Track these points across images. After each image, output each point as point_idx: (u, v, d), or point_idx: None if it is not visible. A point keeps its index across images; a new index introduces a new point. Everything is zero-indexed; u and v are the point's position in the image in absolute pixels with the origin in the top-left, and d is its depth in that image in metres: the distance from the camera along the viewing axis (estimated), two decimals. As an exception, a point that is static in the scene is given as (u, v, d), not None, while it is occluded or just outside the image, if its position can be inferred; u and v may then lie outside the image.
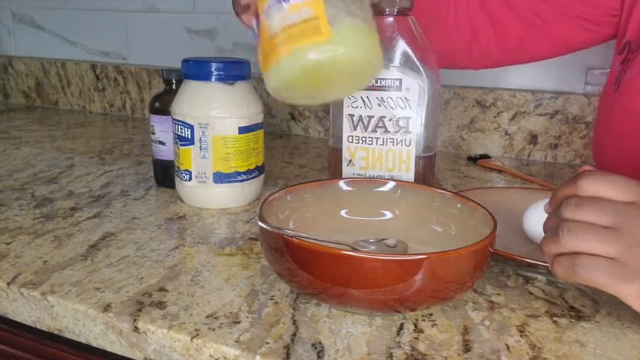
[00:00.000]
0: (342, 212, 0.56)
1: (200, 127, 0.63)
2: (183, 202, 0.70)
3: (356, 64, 0.47)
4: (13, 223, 0.62)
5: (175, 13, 1.21)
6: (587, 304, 0.47)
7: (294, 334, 0.42)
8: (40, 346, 0.54)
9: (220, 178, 0.65)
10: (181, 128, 0.65)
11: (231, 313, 0.44)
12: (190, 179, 0.65)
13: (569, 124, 0.95)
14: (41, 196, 0.71)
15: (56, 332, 0.48)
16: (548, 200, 0.55)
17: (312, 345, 0.40)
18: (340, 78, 0.49)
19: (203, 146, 0.64)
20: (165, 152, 0.73)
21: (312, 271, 0.41)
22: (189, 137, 0.64)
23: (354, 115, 0.60)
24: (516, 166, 0.93)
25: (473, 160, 0.95)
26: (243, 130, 0.64)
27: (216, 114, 0.63)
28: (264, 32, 0.47)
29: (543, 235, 0.54)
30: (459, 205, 0.52)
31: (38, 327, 0.49)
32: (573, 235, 0.38)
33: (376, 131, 0.60)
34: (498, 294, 0.49)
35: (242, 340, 0.41)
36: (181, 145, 0.65)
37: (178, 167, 0.67)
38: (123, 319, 0.43)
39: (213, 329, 0.42)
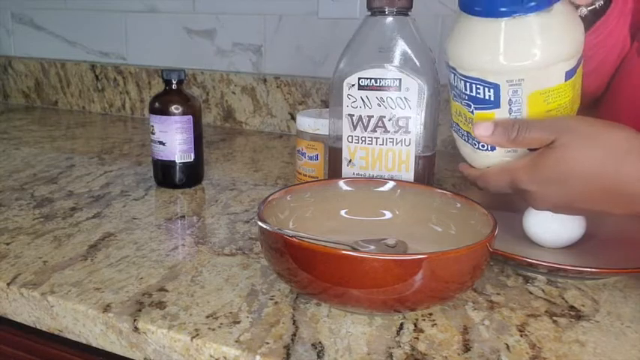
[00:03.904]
0: (342, 212, 0.56)
1: (510, 86, 0.46)
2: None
3: None
4: (12, 224, 0.62)
5: (175, 13, 1.21)
6: (586, 304, 0.47)
7: (294, 334, 0.42)
8: (40, 347, 0.54)
9: None
10: (477, 87, 0.47)
11: (231, 313, 0.44)
12: (494, 149, 0.50)
13: (568, 124, 0.95)
14: (41, 197, 0.71)
15: (56, 332, 0.48)
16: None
17: (312, 345, 0.40)
18: None
19: (514, 109, 0.47)
20: (165, 152, 0.73)
21: (312, 271, 0.41)
22: (493, 99, 0.47)
23: (353, 115, 0.60)
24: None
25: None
26: (570, 74, 0.47)
27: (536, 62, 0.45)
28: None
29: (543, 235, 0.54)
30: (458, 205, 0.52)
31: (38, 327, 0.49)
32: None
33: (376, 131, 0.60)
34: (498, 294, 0.49)
35: (242, 340, 0.41)
36: (477, 108, 0.49)
37: (469, 133, 0.51)
38: (123, 319, 0.44)
39: (213, 329, 0.42)
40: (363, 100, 0.59)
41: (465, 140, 0.52)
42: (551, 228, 0.54)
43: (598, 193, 0.45)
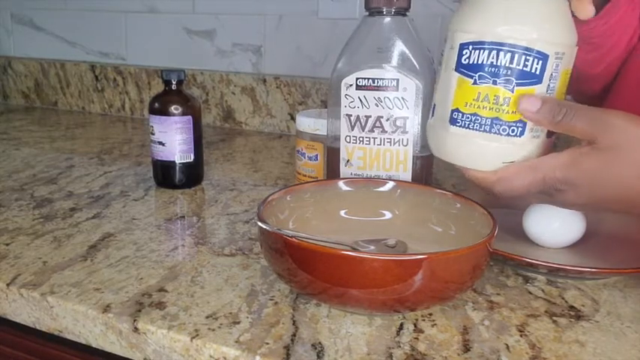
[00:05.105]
0: (342, 212, 0.56)
1: (556, 59, 0.46)
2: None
3: None
4: (12, 224, 0.62)
5: (175, 13, 1.21)
6: (586, 304, 0.47)
7: (294, 335, 0.42)
8: (40, 347, 0.54)
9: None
10: (526, 59, 0.45)
11: (230, 313, 0.44)
12: (523, 133, 0.47)
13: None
14: (40, 197, 0.71)
15: (56, 333, 0.48)
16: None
17: (312, 345, 0.40)
18: None
19: (551, 85, 0.46)
20: (164, 153, 0.73)
21: (311, 272, 0.41)
22: (538, 73, 0.45)
23: (351, 115, 0.60)
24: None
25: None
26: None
27: (574, 38, 0.47)
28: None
29: (543, 235, 0.54)
30: (458, 205, 0.52)
31: (38, 328, 0.49)
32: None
33: (373, 131, 0.60)
34: (498, 294, 0.49)
35: (242, 340, 0.41)
36: (519, 84, 0.45)
37: (497, 118, 0.46)
38: (122, 319, 0.44)
39: (213, 330, 0.42)
40: (360, 100, 0.59)
41: (484, 131, 0.47)
42: (551, 228, 0.54)
43: (635, 198, 0.43)
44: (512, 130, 0.46)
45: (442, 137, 0.49)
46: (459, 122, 0.48)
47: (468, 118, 0.47)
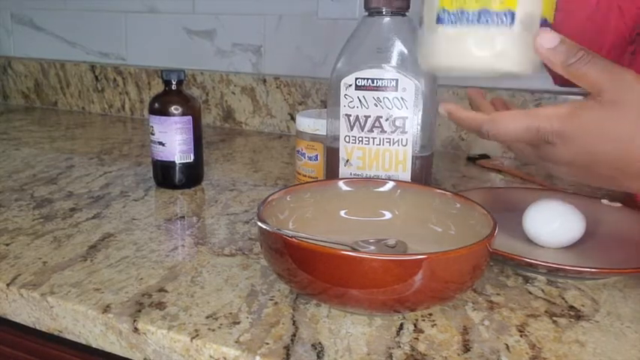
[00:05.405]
0: (342, 212, 0.56)
1: None
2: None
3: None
4: (12, 224, 0.62)
5: (175, 13, 1.21)
6: (586, 304, 0.47)
7: (294, 335, 0.42)
8: (40, 347, 0.54)
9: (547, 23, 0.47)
10: None
11: (230, 313, 0.44)
12: (512, 22, 0.46)
13: (568, 124, 0.95)
14: (40, 197, 0.71)
15: (56, 333, 0.48)
16: (548, 200, 0.56)
17: (312, 345, 0.40)
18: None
19: None
20: (164, 153, 0.73)
21: (311, 272, 0.41)
22: None
23: (350, 115, 0.60)
24: (516, 166, 0.93)
25: (472, 160, 0.95)
26: None
27: None
28: None
29: (543, 235, 0.55)
30: (458, 205, 0.52)
31: (38, 328, 0.49)
32: None
33: (373, 131, 0.60)
34: (498, 294, 0.49)
35: (242, 340, 0.41)
36: None
37: (484, 8, 0.46)
38: (122, 319, 0.44)
39: (213, 330, 0.42)
40: (360, 100, 0.59)
41: (472, 22, 0.46)
42: (551, 228, 0.54)
43: (624, 160, 0.41)
44: (502, 20, 0.45)
45: (431, 42, 0.48)
46: (445, 21, 0.47)
47: (455, 14, 0.46)
